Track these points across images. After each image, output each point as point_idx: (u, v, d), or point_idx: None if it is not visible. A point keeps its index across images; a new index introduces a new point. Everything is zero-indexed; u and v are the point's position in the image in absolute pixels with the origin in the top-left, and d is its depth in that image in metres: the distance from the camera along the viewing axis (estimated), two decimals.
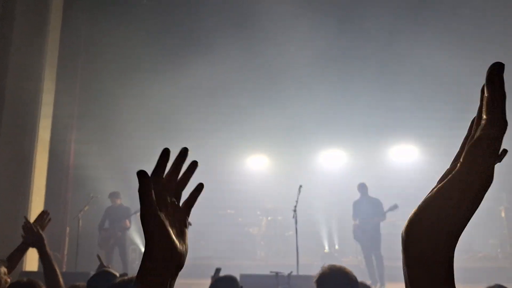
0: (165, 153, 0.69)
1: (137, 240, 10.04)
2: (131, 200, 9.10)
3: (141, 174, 0.63)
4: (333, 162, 12.24)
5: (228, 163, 11.74)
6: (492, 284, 2.62)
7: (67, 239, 9.04)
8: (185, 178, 0.70)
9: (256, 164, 12.60)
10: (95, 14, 10.04)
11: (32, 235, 2.44)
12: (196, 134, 11.43)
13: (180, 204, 0.69)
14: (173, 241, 0.62)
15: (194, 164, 0.71)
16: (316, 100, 11.35)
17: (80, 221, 7.89)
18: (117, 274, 2.31)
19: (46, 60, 8.38)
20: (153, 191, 0.63)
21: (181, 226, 0.67)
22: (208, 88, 11.20)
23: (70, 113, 9.71)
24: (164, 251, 0.62)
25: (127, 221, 8.29)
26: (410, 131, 11.36)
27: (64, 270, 8.58)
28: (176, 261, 0.63)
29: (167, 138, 11.38)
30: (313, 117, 11.50)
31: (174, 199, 0.68)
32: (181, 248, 0.64)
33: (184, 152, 0.70)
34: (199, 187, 0.72)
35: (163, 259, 0.62)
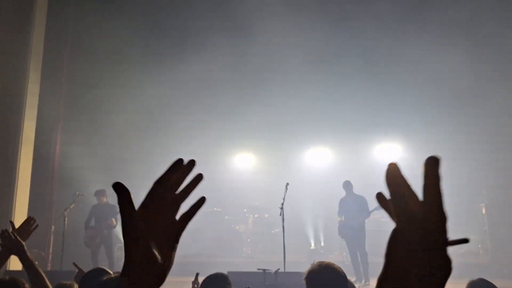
0: (178, 164, 0.65)
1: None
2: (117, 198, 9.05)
3: (117, 186, 0.60)
4: (319, 160, 12.35)
5: (215, 161, 11.75)
6: (475, 278, 2.73)
7: (52, 237, 8.96)
8: (187, 190, 0.66)
9: (243, 162, 12.64)
10: (81, 13, 9.93)
11: (11, 244, 2.39)
12: (184, 132, 11.41)
13: (178, 217, 0.65)
14: (153, 256, 0.59)
15: (198, 178, 0.67)
16: (302, 99, 11.44)
17: (66, 219, 7.83)
18: (111, 272, 2.32)
19: (30, 61, 8.28)
20: (132, 202, 0.61)
21: (171, 240, 0.63)
22: (196, 86, 11.19)
23: (56, 113, 9.60)
24: (142, 265, 0.59)
25: (114, 219, 8.24)
26: (394, 130, 11.54)
27: (49, 268, 8.51)
28: (155, 276, 0.59)
29: (154, 137, 11.33)
30: (300, 115, 11.59)
31: (171, 211, 0.64)
32: (162, 263, 0.60)
33: (191, 164, 0.66)
34: (201, 201, 0.66)
35: (142, 272, 0.58)
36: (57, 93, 9.58)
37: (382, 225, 10.48)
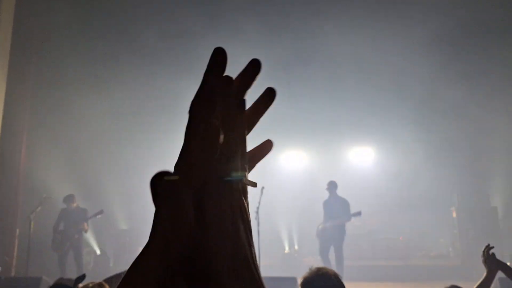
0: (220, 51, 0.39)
1: (92, 243, 9.71)
2: (87, 202, 8.78)
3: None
4: (294, 163, 12.35)
5: None
6: (448, 285, 2.74)
7: (16, 241, 8.59)
8: (262, 107, 0.44)
9: None
10: (50, 17, 9.59)
11: None
12: (155, 137, 11.17)
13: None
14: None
15: (271, 93, 0.45)
16: (275, 101, 11.39)
17: (32, 223, 7.52)
18: (71, 286, 2.21)
19: None
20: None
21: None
22: (168, 90, 10.91)
23: (22, 114, 9.23)
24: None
25: (85, 224, 8.00)
26: (368, 133, 11.66)
27: (13, 274, 8.16)
28: None
29: (123, 142, 11.05)
30: (273, 118, 11.54)
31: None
32: None
33: (258, 64, 0.42)
34: (269, 146, 0.46)
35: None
36: (24, 94, 9.22)
37: (358, 229, 10.56)
